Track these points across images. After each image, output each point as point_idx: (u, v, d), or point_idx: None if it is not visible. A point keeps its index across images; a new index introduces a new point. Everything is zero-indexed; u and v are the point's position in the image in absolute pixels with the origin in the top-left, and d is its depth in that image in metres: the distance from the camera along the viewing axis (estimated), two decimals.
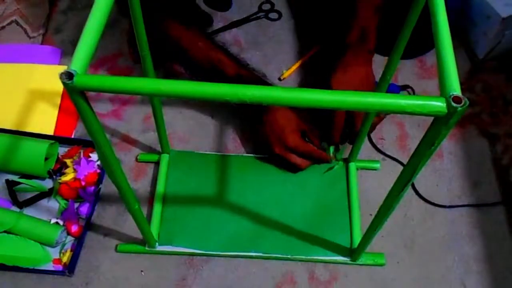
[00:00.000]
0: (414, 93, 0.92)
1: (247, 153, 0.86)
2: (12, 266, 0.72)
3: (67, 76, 0.36)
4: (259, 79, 0.82)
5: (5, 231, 0.74)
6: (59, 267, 0.74)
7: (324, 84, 0.83)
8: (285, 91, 0.36)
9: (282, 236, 0.76)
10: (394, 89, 0.91)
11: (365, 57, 0.81)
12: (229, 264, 0.75)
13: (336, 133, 0.80)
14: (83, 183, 0.79)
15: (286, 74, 0.95)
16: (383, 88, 0.64)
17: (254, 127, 0.84)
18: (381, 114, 0.84)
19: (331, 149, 0.81)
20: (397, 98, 0.36)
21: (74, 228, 0.76)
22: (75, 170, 0.80)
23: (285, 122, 0.78)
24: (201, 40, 0.82)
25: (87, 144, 0.84)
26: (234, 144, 0.88)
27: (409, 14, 0.53)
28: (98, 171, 0.81)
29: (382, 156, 0.86)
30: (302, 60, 0.97)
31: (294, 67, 0.96)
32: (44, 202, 0.80)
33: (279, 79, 0.95)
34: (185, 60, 0.85)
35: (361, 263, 0.75)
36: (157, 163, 0.84)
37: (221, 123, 0.90)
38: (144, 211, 0.79)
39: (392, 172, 0.84)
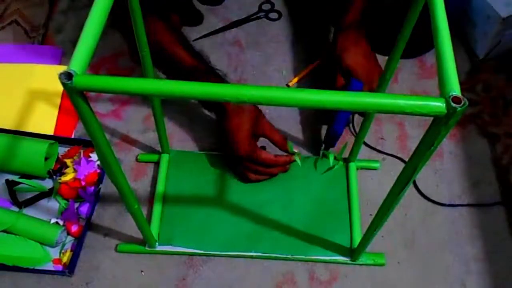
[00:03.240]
0: None
1: None
2: (12, 266, 0.72)
3: (66, 77, 0.36)
4: (218, 76, 0.78)
5: (5, 231, 0.74)
6: (59, 267, 0.74)
7: (333, 67, 0.86)
8: (284, 91, 0.36)
9: (282, 236, 0.76)
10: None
11: (362, 34, 0.86)
12: (229, 264, 0.75)
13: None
14: (83, 183, 0.79)
15: (294, 80, 0.95)
16: (383, 88, 0.64)
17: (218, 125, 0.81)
18: None
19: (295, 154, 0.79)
20: (397, 99, 0.36)
21: (74, 228, 0.76)
22: (75, 170, 0.80)
23: (239, 125, 0.75)
24: (160, 30, 0.78)
25: (87, 144, 0.84)
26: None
27: (408, 14, 0.53)
28: (98, 171, 0.81)
29: (382, 156, 0.86)
30: (311, 67, 0.97)
31: (302, 74, 0.96)
32: (44, 202, 0.80)
33: (287, 85, 0.95)
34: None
35: (361, 263, 0.75)
36: (157, 163, 0.84)
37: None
38: (144, 211, 0.79)
39: (392, 172, 0.84)
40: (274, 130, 0.79)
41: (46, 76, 0.93)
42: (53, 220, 0.77)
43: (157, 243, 0.75)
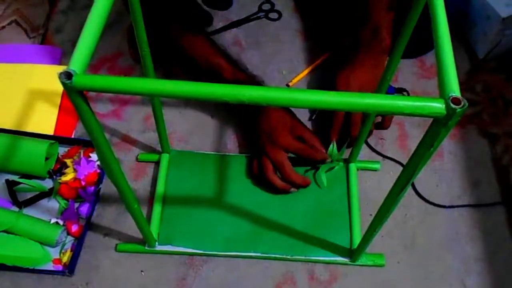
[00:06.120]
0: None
1: (247, 153, 0.86)
2: (12, 266, 0.72)
3: (66, 76, 0.36)
4: (257, 84, 0.82)
5: (5, 231, 0.74)
6: (59, 267, 0.74)
7: (330, 83, 0.83)
8: (282, 91, 0.36)
9: (282, 236, 0.76)
10: (390, 91, 0.91)
11: (376, 58, 0.81)
12: (229, 264, 0.75)
13: (333, 133, 0.81)
14: (83, 183, 0.79)
15: (295, 80, 0.95)
16: (383, 88, 0.64)
17: (249, 127, 0.84)
18: (376, 120, 0.83)
19: (333, 148, 0.80)
20: (396, 100, 0.36)
21: (74, 228, 0.76)
22: (75, 170, 0.80)
23: (278, 122, 0.78)
24: (201, 42, 0.83)
25: (87, 144, 0.84)
26: (234, 144, 0.88)
27: (409, 14, 0.53)
28: (98, 171, 0.81)
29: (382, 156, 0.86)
30: (311, 67, 0.97)
31: (303, 74, 0.96)
32: (44, 202, 0.80)
33: (287, 85, 0.95)
34: (183, 61, 0.85)
35: (360, 263, 0.75)
36: (157, 163, 0.84)
37: (221, 123, 0.90)
38: (144, 211, 0.79)
39: (392, 172, 0.84)
40: (309, 131, 0.79)
41: (46, 76, 0.92)
42: (53, 220, 0.77)
43: (157, 243, 0.75)
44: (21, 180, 0.81)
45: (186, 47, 0.83)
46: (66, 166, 0.81)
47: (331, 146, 0.80)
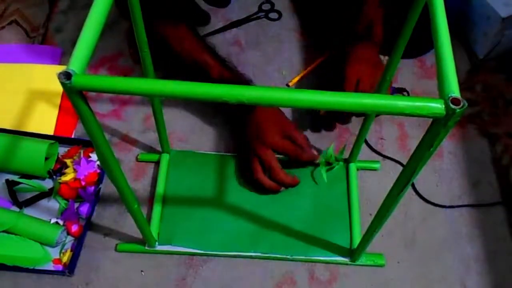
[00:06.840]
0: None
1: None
2: (12, 266, 0.72)
3: (65, 76, 0.36)
4: (245, 83, 0.81)
5: (5, 231, 0.74)
6: (59, 267, 0.74)
7: (338, 77, 0.83)
8: (282, 91, 0.36)
9: (282, 237, 0.76)
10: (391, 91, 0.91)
11: (373, 48, 0.84)
12: (229, 264, 0.75)
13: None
14: (83, 183, 0.79)
15: (295, 80, 0.95)
16: (383, 89, 0.64)
17: (237, 127, 0.84)
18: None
19: (329, 151, 0.81)
20: (396, 100, 0.36)
21: (74, 228, 0.76)
22: (75, 170, 0.80)
23: (267, 121, 0.78)
24: (189, 39, 0.83)
25: (87, 144, 0.84)
26: (234, 144, 0.87)
27: (409, 14, 0.53)
28: (98, 171, 0.81)
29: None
30: (311, 67, 0.97)
31: (303, 74, 0.96)
32: (44, 202, 0.80)
33: (287, 85, 0.95)
34: (169, 57, 0.84)
35: (361, 263, 0.75)
36: (157, 163, 0.84)
37: (221, 123, 0.90)
38: (144, 211, 0.79)
39: (392, 172, 0.84)
40: (298, 131, 0.79)
41: (46, 76, 0.93)
42: (53, 220, 0.77)
43: (157, 243, 0.75)
44: (21, 180, 0.81)
45: (173, 42, 0.82)
46: (66, 166, 0.81)
47: (330, 148, 0.80)
